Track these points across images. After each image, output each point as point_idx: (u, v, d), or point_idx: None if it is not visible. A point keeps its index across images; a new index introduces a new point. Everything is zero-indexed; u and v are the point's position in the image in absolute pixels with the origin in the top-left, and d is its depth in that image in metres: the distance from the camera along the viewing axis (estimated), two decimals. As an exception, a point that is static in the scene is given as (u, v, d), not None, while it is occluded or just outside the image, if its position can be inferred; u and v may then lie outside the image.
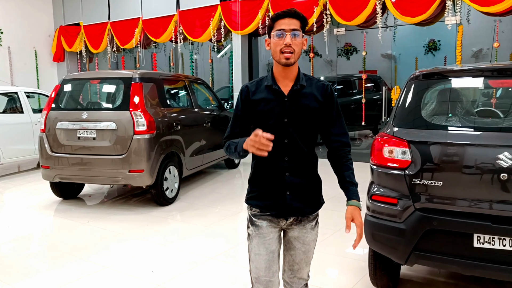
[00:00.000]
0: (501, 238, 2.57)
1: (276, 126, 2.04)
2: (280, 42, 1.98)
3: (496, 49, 7.86)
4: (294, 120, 2.05)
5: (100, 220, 5.20)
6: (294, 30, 1.98)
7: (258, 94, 2.10)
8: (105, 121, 5.40)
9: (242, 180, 7.62)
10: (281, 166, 2.08)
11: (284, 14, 2.01)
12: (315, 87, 2.11)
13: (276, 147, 1.95)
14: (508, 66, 3.20)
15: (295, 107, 2.06)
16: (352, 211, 2.10)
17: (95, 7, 11.66)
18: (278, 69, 2.08)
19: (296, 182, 2.10)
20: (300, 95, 2.07)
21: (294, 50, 1.98)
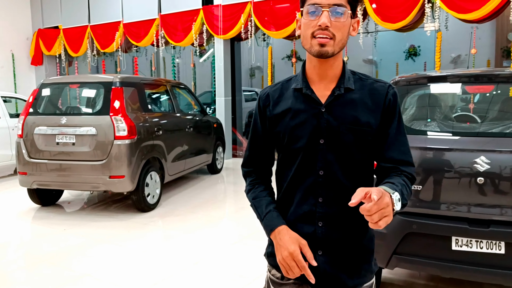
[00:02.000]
0: (478, 240, 2.62)
1: (308, 150, 1.42)
2: (313, 22, 1.35)
3: (473, 55, 8.03)
4: (335, 141, 1.41)
5: (79, 227, 5.11)
6: (335, 6, 1.34)
7: (282, 103, 1.48)
8: (85, 126, 5.32)
9: (224, 185, 7.60)
10: (311, 212, 1.43)
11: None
12: (369, 91, 1.45)
13: (307, 181, 1.43)
14: (484, 72, 3.27)
15: (336, 122, 1.40)
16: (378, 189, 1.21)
17: (74, 10, 11.51)
18: (311, 64, 1.45)
19: (334, 237, 1.43)
20: (345, 103, 1.42)
21: (333, 36, 1.34)
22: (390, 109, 1.44)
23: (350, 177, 1.42)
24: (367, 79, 1.48)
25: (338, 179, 1.41)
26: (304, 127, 1.42)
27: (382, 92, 1.44)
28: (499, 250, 2.59)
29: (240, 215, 5.64)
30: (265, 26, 8.66)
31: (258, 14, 8.67)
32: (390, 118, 1.44)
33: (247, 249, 4.40)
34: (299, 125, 1.43)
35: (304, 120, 1.42)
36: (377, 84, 1.46)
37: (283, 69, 13.64)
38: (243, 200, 6.48)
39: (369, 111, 1.42)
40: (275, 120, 1.48)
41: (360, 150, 1.42)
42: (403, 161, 1.44)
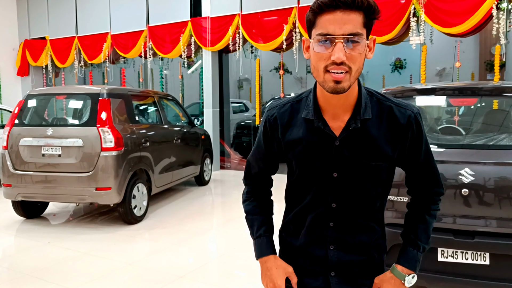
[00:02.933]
0: (464, 251, 2.64)
1: (320, 182, 1.36)
2: (325, 55, 1.19)
3: (458, 69, 8.18)
4: (349, 175, 1.34)
5: (64, 240, 5.03)
6: (351, 35, 1.17)
7: (292, 130, 1.38)
8: (71, 137, 5.27)
9: (212, 197, 7.57)
10: (323, 236, 1.40)
11: (332, 3, 1.16)
12: (388, 118, 1.33)
13: (318, 210, 1.39)
14: (468, 85, 3.34)
15: (351, 156, 1.32)
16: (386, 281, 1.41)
17: (62, 21, 11.47)
18: (323, 94, 1.31)
19: (346, 258, 1.41)
20: (361, 136, 1.32)
21: (349, 69, 1.19)
22: (414, 139, 1.36)
23: (362, 208, 1.39)
24: (386, 102, 1.35)
25: (351, 210, 1.38)
26: (317, 159, 1.35)
27: (403, 122, 1.33)
28: (484, 261, 2.62)
29: (227, 227, 5.61)
30: (253, 39, 8.73)
31: (246, 26, 8.74)
32: (417, 144, 1.37)
33: (234, 261, 4.37)
34: (311, 157, 1.35)
35: (317, 153, 1.34)
36: (397, 109, 1.33)
37: (271, 81, 13.71)
38: (230, 212, 6.46)
39: (388, 144, 1.33)
40: (286, 148, 1.41)
41: (375, 184, 1.37)
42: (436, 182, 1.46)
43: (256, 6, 8.69)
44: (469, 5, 6.62)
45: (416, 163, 1.41)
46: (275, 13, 8.48)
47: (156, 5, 10.00)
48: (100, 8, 10.78)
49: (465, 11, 6.65)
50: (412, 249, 1.43)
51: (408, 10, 7.08)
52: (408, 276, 1.40)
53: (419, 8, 6.97)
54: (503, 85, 3.36)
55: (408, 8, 7.08)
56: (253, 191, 1.61)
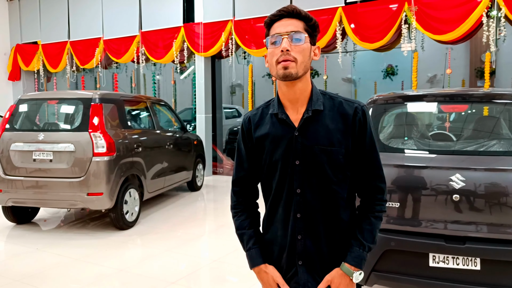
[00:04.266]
0: (455, 257, 2.66)
1: (284, 171, 1.53)
2: (276, 50, 1.47)
3: (448, 75, 8.27)
4: (310, 162, 1.50)
5: (55, 246, 4.98)
6: (293, 32, 1.46)
7: (261, 127, 1.58)
8: (63, 142, 5.24)
9: (204, 202, 7.55)
10: (291, 226, 1.55)
11: (279, 13, 1.50)
12: (338, 111, 1.53)
13: (285, 199, 1.54)
14: (459, 92, 3.37)
15: (310, 144, 1.50)
16: (337, 277, 1.54)
17: (54, 25, 11.43)
18: (281, 90, 1.55)
19: (313, 249, 1.55)
20: (316, 125, 1.51)
21: (295, 59, 1.44)
22: (361, 129, 1.53)
23: (326, 195, 1.53)
24: (337, 98, 1.57)
25: (314, 197, 1.52)
26: (280, 149, 1.53)
27: (351, 112, 1.53)
28: (475, 266, 2.64)
29: (220, 233, 5.60)
30: (245, 44, 8.75)
31: (239, 32, 8.77)
32: (362, 137, 1.54)
33: (226, 267, 4.36)
34: (276, 148, 1.53)
35: (280, 143, 1.52)
36: (346, 103, 1.55)
37: (264, 87, 13.75)
38: (223, 217, 6.44)
39: (340, 132, 1.51)
40: (257, 144, 1.60)
41: (335, 169, 1.51)
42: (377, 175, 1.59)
43: (249, 12, 8.73)
44: (460, 13, 6.70)
45: (361, 152, 1.55)
46: (268, 19, 8.52)
47: (149, 10, 10.01)
48: (93, 13, 10.77)
49: (455, 18, 6.74)
50: (358, 248, 1.55)
51: (400, 17, 7.15)
52: (355, 273, 1.53)
53: (410, 15, 7.04)
54: (493, 92, 3.41)
55: (399, 15, 7.16)
56: (241, 204, 1.73)
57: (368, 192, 1.59)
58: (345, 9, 7.57)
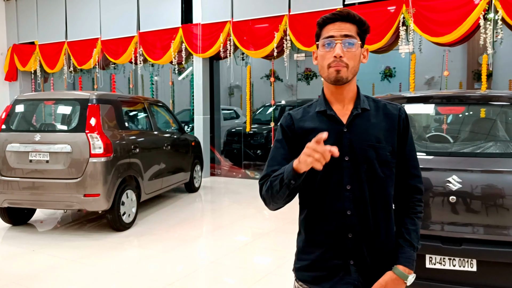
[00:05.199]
0: (451, 258, 2.66)
1: (333, 167, 1.49)
2: (328, 54, 1.50)
3: (446, 77, 8.29)
4: (359, 158, 1.51)
5: (51, 247, 4.96)
6: (347, 37, 1.49)
7: (306, 122, 1.58)
8: (60, 143, 5.22)
9: (202, 204, 7.54)
10: (340, 224, 1.51)
11: (333, 17, 1.52)
12: (383, 112, 1.58)
13: (335, 197, 1.51)
14: (456, 94, 3.38)
15: (358, 140, 1.52)
16: (390, 281, 1.52)
17: (51, 26, 11.40)
18: (329, 90, 1.58)
19: (365, 248, 1.52)
20: (364, 123, 1.54)
21: (347, 64, 1.49)
22: (404, 129, 1.59)
23: (374, 192, 1.52)
24: (380, 101, 1.62)
25: (364, 193, 1.51)
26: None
27: (395, 113, 1.58)
28: (471, 267, 2.64)
29: (217, 234, 5.59)
30: (244, 46, 8.75)
31: (237, 33, 8.77)
32: (405, 137, 1.59)
33: (223, 269, 4.35)
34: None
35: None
36: (389, 105, 1.60)
37: (262, 88, 13.76)
38: (220, 219, 6.44)
39: (386, 130, 1.55)
40: (300, 138, 1.55)
41: (383, 166, 1.52)
42: (415, 175, 1.63)
43: (247, 13, 8.73)
44: (457, 15, 6.71)
45: (403, 152, 1.59)
46: (266, 21, 8.53)
47: (147, 11, 10.00)
48: (90, 13, 10.75)
49: (453, 21, 6.75)
50: (410, 249, 1.55)
51: (398, 19, 7.16)
52: (410, 276, 1.52)
53: (408, 18, 7.06)
54: (490, 94, 3.41)
55: (397, 18, 7.17)
56: None
57: (409, 193, 1.61)
58: (343, 10, 7.58)
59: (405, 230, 1.57)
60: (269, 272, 4.24)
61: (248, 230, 5.70)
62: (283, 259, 4.48)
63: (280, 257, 4.57)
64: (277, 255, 4.67)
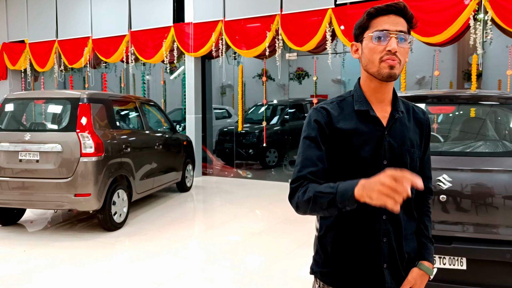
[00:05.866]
0: (441, 257, 2.68)
1: (371, 171, 1.37)
2: (380, 47, 1.41)
3: (436, 77, 8.34)
4: (396, 162, 1.46)
5: (42, 248, 4.92)
6: (401, 32, 1.43)
7: (344, 121, 1.48)
8: (50, 142, 5.18)
9: (194, 203, 7.52)
10: (376, 229, 1.47)
11: (388, 9, 1.44)
12: (413, 115, 1.57)
13: None
14: (446, 93, 3.40)
15: (396, 144, 1.48)
16: (418, 278, 1.54)
17: (41, 24, 11.31)
18: (371, 87, 1.50)
19: (398, 251, 1.50)
20: (401, 126, 1.51)
21: (400, 60, 1.42)
22: (428, 135, 1.60)
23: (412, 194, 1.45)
24: (408, 104, 1.59)
25: None
26: (368, 147, 1.45)
27: (423, 118, 1.59)
28: (461, 266, 2.66)
29: (209, 234, 5.58)
30: (236, 45, 8.75)
31: (229, 32, 8.76)
32: (428, 142, 1.61)
33: (215, 269, 4.35)
34: (364, 146, 1.45)
35: (369, 141, 1.45)
36: (416, 109, 1.59)
37: (254, 88, 13.76)
38: (212, 218, 6.43)
39: (417, 135, 1.55)
40: (340, 138, 1.47)
41: (413, 170, 1.48)
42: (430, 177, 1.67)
43: (239, 12, 8.72)
44: (448, 16, 6.76)
45: (424, 155, 1.61)
46: (258, 20, 8.53)
47: (138, 10, 9.95)
48: (81, 12, 10.68)
49: (443, 21, 6.80)
50: (430, 245, 1.60)
51: (389, 19, 7.19)
52: (433, 270, 1.58)
53: (399, 18, 7.09)
54: (479, 93, 3.44)
55: (388, 17, 7.20)
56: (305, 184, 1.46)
57: (425, 194, 1.62)
58: (335, 10, 7.60)
59: (424, 228, 1.61)
60: (261, 271, 4.24)
61: (240, 229, 5.70)
62: (275, 259, 4.49)
63: (272, 256, 4.58)
64: (269, 254, 4.68)
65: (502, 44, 8.60)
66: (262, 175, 9.94)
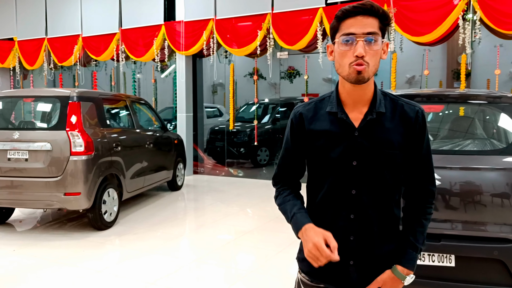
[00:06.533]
0: (430, 254, 2.71)
1: (341, 171, 1.49)
2: (349, 52, 1.41)
3: (426, 76, 8.42)
4: (367, 163, 1.48)
5: (31, 247, 4.88)
6: (369, 34, 1.39)
7: (316, 123, 1.53)
8: (39, 141, 5.13)
9: (185, 202, 7.50)
10: (343, 227, 1.52)
11: (355, 10, 1.41)
12: (400, 113, 1.51)
13: (339, 199, 1.51)
14: (435, 92, 3.43)
15: (369, 145, 1.48)
16: (388, 280, 1.53)
17: (31, 22, 11.19)
18: (345, 88, 1.50)
19: (364, 249, 1.52)
20: (377, 127, 1.49)
21: (368, 64, 1.40)
22: (420, 133, 1.52)
23: (381, 195, 1.50)
24: (398, 101, 1.54)
25: (369, 198, 1.49)
26: (339, 149, 1.48)
27: (412, 117, 1.51)
28: (450, 263, 2.70)
29: (200, 233, 5.58)
30: (227, 44, 8.74)
31: (220, 31, 8.75)
32: (421, 139, 1.52)
33: (207, 267, 4.35)
34: (334, 147, 1.49)
35: (338, 142, 1.48)
36: (407, 106, 1.53)
37: (245, 87, 13.75)
38: (203, 217, 6.43)
39: (401, 135, 1.49)
40: (310, 138, 1.53)
41: (392, 172, 1.49)
42: (431, 179, 1.58)
43: (231, 11, 8.71)
44: (437, 15, 6.82)
45: (418, 156, 1.54)
46: (250, 19, 8.53)
47: (129, 8, 9.89)
48: (71, 9, 10.58)
49: (433, 21, 6.86)
50: (412, 251, 1.54)
51: (379, 18, 7.23)
52: (408, 277, 1.52)
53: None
54: (468, 93, 3.48)
55: (379, 17, 7.24)
56: (283, 186, 1.68)
57: (421, 195, 1.57)
58: (325, 9, 7.62)
59: (411, 232, 1.56)
60: (252, 270, 4.25)
61: (231, 228, 5.70)
62: (265, 257, 4.50)
63: (263, 255, 4.59)
64: (260, 253, 4.69)
65: (490, 44, 8.71)
66: (253, 173, 9.94)
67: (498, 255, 2.63)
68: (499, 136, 3.23)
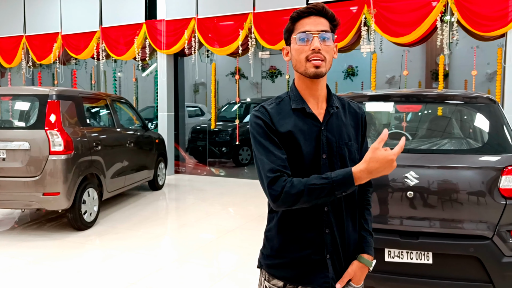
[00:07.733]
0: (409, 251, 2.77)
1: (312, 165, 1.53)
2: (305, 47, 1.51)
3: (405, 77, 8.55)
4: (335, 156, 1.55)
5: (9, 248, 4.79)
6: (323, 32, 1.51)
7: (283, 122, 1.55)
8: (17, 140, 5.04)
9: (166, 202, 7.46)
10: (318, 220, 1.54)
11: (308, 11, 1.53)
12: (348, 110, 1.65)
13: None
14: (413, 92, 3.50)
15: (334, 138, 1.55)
16: (358, 270, 1.61)
17: (8, 19, 10.95)
18: (303, 85, 1.58)
19: (340, 242, 1.58)
20: (337, 122, 1.59)
21: (324, 58, 1.51)
22: (365, 127, 1.68)
23: None
24: (343, 99, 1.67)
25: None
26: (309, 144, 1.53)
27: (359, 112, 1.66)
28: (428, 260, 2.76)
29: (182, 232, 5.56)
30: (208, 43, 8.72)
31: (202, 30, 8.73)
32: (364, 135, 1.68)
33: (188, 267, 4.34)
34: (304, 142, 1.53)
35: (308, 138, 1.53)
36: (352, 104, 1.67)
37: (227, 86, 13.73)
38: (185, 216, 6.40)
39: (353, 129, 1.62)
40: (282, 139, 1.53)
41: (352, 163, 1.54)
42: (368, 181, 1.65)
43: (212, 10, 8.70)
44: (416, 17, 6.94)
45: (362, 147, 1.66)
46: (231, 18, 8.53)
47: (109, 6, 9.77)
48: (50, 7, 10.40)
49: (412, 22, 6.98)
50: (370, 238, 1.65)
51: (359, 19, 7.33)
52: (373, 262, 1.64)
53: (369, 18, 7.23)
54: (446, 93, 3.56)
55: (359, 18, 7.33)
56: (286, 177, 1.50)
57: (364, 186, 1.68)
58: (307, 10, 7.67)
59: (364, 221, 1.67)
60: (234, 269, 4.26)
61: (213, 227, 5.70)
62: (248, 256, 4.51)
63: (245, 253, 4.60)
64: (242, 252, 4.70)
65: (467, 45, 8.90)
66: (235, 173, 9.95)
67: (474, 252, 2.70)
68: (475, 136, 3.31)
